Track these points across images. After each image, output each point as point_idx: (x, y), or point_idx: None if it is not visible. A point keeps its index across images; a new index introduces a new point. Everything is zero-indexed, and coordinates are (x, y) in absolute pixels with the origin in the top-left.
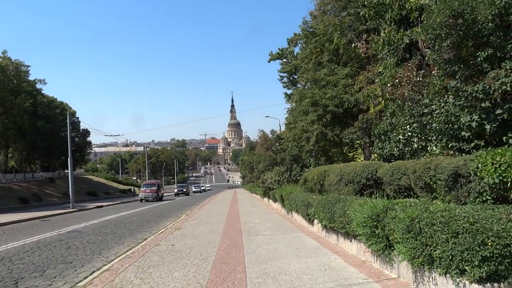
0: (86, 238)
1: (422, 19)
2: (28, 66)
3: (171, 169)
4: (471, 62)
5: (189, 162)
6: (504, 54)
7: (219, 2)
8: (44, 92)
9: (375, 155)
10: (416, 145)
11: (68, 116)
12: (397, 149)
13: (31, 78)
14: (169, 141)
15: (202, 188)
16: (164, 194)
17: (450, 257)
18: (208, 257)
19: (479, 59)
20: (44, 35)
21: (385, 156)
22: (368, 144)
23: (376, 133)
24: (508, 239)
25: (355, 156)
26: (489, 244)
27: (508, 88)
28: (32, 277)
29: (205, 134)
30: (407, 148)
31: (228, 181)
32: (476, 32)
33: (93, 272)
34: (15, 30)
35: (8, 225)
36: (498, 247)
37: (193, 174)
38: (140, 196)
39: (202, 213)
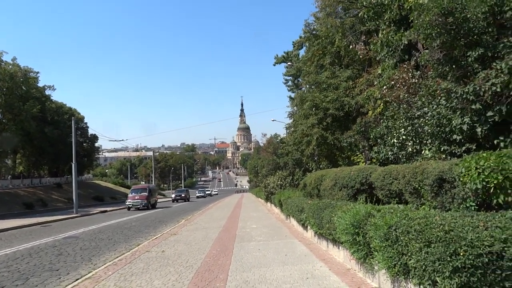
0: (80, 244)
1: (413, 18)
2: (37, 72)
3: (180, 173)
4: (463, 63)
5: (198, 167)
6: (496, 54)
7: (228, 4)
8: (53, 98)
9: (374, 159)
10: (410, 149)
11: (73, 121)
12: (392, 153)
13: (40, 84)
14: (179, 145)
15: (208, 192)
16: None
17: (423, 267)
18: (194, 264)
19: (470, 59)
20: (54, 39)
21: (381, 160)
22: (366, 148)
23: (372, 136)
24: (482, 248)
25: (357, 160)
26: (461, 254)
27: (499, 89)
28: (13, 285)
29: (214, 138)
30: (402, 152)
31: (236, 185)
32: (467, 31)
33: (76, 280)
34: (26, 33)
35: (8, 231)
36: (470, 257)
37: (202, 179)
38: (127, 203)
39: (202, 218)
